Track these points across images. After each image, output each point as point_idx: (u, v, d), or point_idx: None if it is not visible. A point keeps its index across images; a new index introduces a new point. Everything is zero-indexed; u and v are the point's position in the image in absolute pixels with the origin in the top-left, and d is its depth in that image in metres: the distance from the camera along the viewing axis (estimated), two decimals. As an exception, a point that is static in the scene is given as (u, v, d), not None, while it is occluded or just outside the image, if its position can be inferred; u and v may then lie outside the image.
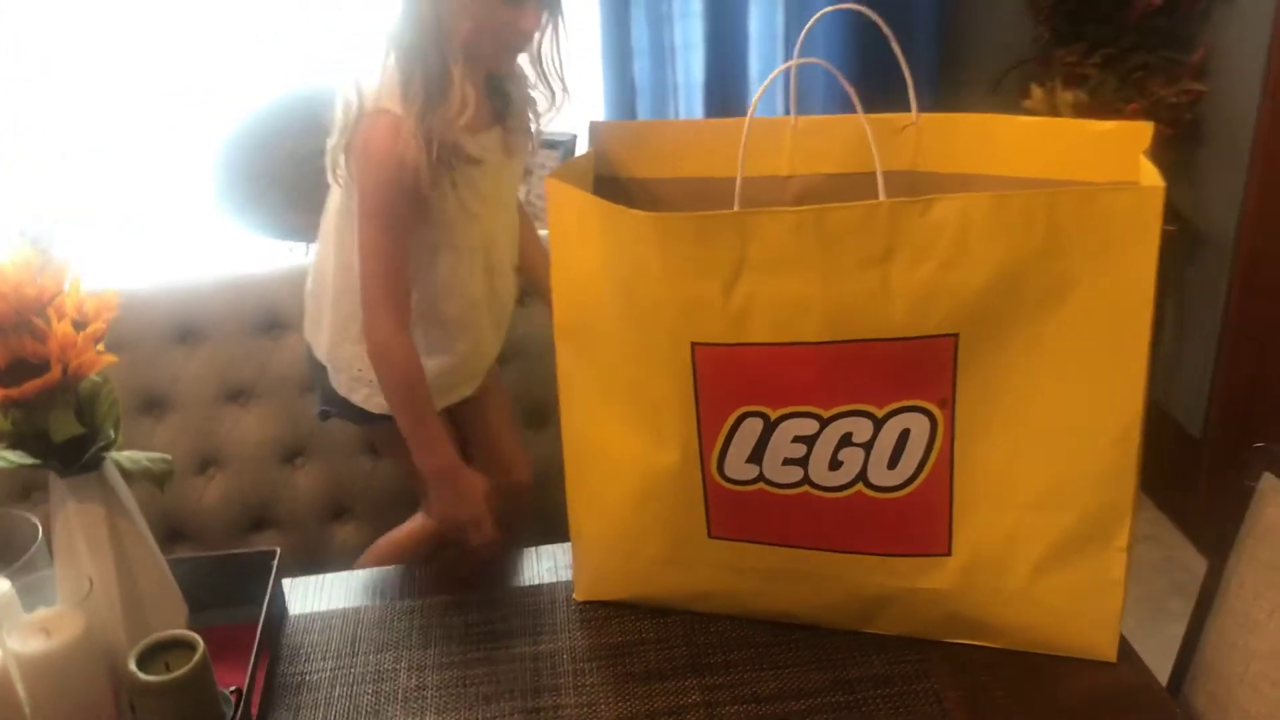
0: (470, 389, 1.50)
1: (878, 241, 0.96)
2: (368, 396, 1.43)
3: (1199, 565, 2.22)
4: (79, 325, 0.99)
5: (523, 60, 1.35)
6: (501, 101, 1.37)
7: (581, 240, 1.07)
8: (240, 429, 1.62)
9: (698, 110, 2.38)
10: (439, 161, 1.27)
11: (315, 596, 1.28)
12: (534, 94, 1.39)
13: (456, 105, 1.26)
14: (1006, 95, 2.31)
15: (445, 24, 1.25)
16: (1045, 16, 2.27)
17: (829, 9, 1.18)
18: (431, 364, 1.37)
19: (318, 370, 1.47)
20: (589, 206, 1.04)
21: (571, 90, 1.38)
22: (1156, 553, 2.31)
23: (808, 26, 1.16)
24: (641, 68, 2.32)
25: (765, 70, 2.36)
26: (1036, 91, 2.22)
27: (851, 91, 1.05)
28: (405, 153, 1.25)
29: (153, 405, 1.61)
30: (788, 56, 2.34)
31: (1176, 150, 2.23)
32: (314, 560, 1.62)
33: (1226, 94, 2.18)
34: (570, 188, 1.06)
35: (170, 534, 1.61)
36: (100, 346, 1.02)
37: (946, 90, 2.36)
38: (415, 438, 1.36)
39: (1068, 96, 2.18)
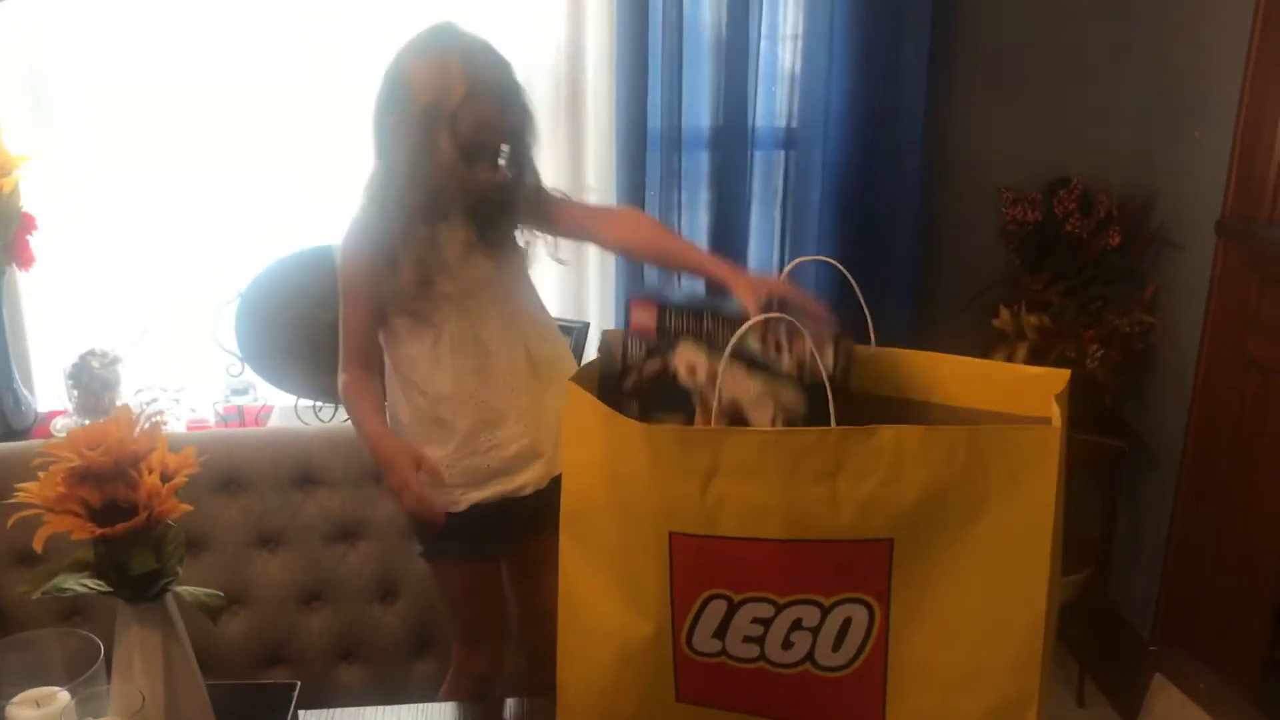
0: (517, 482, 1.61)
1: (828, 460, 1.16)
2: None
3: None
4: (164, 478, 1.19)
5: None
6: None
7: (588, 437, 1.27)
8: (268, 571, 1.80)
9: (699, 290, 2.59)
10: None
11: (325, 729, 1.44)
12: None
13: (451, 256, 1.53)
14: (978, 313, 2.53)
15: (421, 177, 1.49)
16: (1015, 246, 2.50)
17: (803, 259, 1.41)
18: (447, 451, 1.57)
19: None
20: (596, 411, 1.25)
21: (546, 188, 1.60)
22: (1108, 747, 2.44)
23: (788, 268, 1.39)
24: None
25: (762, 261, 2.60)
26: (1004, 312, 2.44)
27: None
28: (364, 245, 1.53)
29: (191, 544, 1.78)
30: (783, 253, 2.59)
31: (1129, 375, 2.44)
32: (319, 696, 1.76)
33: (1173, 327, 2.41)
34: (584, 392, 1.27)
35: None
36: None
37: (924, 306, 2.58)
38: (358, 430, 1.57)
39: (1031, 319, 2.40)
